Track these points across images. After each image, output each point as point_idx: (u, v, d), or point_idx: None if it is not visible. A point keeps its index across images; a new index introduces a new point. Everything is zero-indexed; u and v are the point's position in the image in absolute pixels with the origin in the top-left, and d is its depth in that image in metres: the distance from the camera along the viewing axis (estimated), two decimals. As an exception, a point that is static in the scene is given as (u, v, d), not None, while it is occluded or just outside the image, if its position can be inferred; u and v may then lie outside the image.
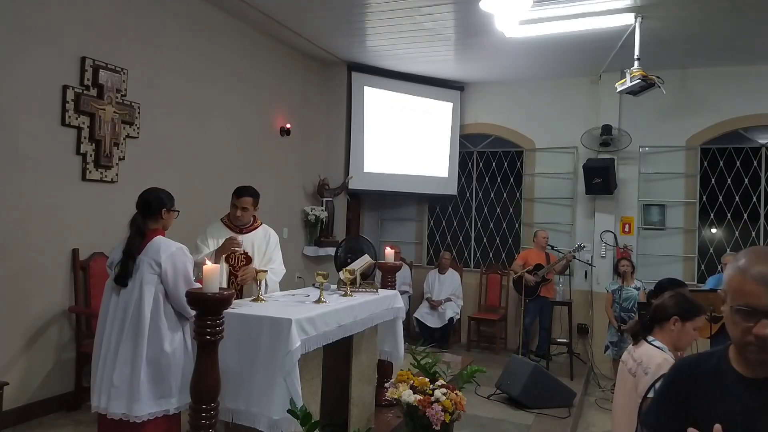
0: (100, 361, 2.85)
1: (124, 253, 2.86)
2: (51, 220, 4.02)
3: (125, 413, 2.75)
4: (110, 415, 2.76)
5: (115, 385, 2.76)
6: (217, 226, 3.86)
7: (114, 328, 2.83)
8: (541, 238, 6.88)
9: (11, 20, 3.73)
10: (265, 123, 6.33)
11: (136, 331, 2.79)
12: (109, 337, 2.83)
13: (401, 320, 4.16)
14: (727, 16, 5.19)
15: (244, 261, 3.80)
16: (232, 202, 3.82)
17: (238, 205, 3.79)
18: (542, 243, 6.85)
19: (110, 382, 2.76)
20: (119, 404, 2.76)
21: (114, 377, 2.76)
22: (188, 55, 5.18)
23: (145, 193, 3.02)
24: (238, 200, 3.79)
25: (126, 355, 2.78)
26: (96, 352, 2.90)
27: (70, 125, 4.11)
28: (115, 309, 2.86)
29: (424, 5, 5.18)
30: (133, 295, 2.82)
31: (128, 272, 2.83)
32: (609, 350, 5.93)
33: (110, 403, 2.76)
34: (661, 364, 2.36)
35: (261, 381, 2.78)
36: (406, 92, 7.70)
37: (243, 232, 3.85)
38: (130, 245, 2.88)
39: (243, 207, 3.79)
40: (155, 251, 2.87)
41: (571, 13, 5.19)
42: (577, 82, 7.37)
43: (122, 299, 2.85)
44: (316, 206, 7.10)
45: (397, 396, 3.31)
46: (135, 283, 2.83)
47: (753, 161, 6.79)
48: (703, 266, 6.90)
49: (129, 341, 2.79)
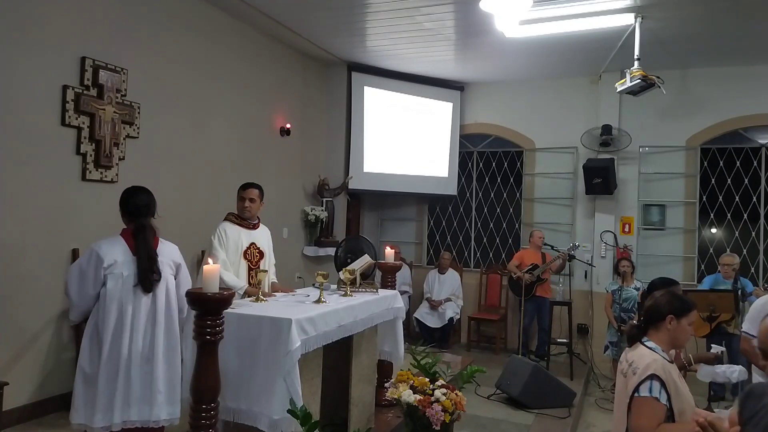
0: (124, 375, 2.72)
1: (149, 258, 2.82)
2: (51, 220, 4.02)
3: (168, 418, 2.77)
4: (153, 424, 2.75)
5: (161, 391, 2.76)
6: (228, 225, 3.85)
7: (145, 334, 2.78)
8: (537, 238, 6.88)
9: (11, 20, 3.73)
10: (265, 123, 6.33)
11: (173, 332, 2.81)
12: (138, 345, 2.76)
13: (401, 320, 4.17)
14: (727, 16, 5.19)
15: (259, 256, 3.90)
16: (240, 196, 3.89)
17: (246, 197, 3.86)
18: (538, 243, 6.85)
19: (155, 389, 2.75)
20: (163, 410, 2.76)
21: (159, 384, 2.76)
22: (188, 55, 5.18)
23: (143, 195, 2.98)
24: (245, 192, 3.87)
25: (168, 358, 2.80)
26: (111, 366, 2.72)
27: (70, 125, 4.10)
28: (139, 315, 2.78)
29: (424, 5, 5.18)
30: (161, 298, 2.81)
31: (159, 276, 2.81)
32: (609, 350, 5.93)
33: (154, 411, 2.75)
34: (649, 364, 2.37)
35: (261, 381, 2.78)
36: (406, 92, 7.70)
37: (252, 228, 3.92)
38: (150, 249, 2.84)
39: (250, 198, 3.86)
40: (170, 252, 2.90)
41: (571, 13, 5.19)
42: (577, 82, 7.37)
43: (145, 304, 2.80)
44: (316, 206, 7.10)
45: (397, 396, 3.31)
46: (161, 286, 2.83)
47: (753, 161, 6.79)
48: (703, 266, 6.90)
49: (168, 344, 2.80)
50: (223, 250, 3.74)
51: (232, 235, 3.81)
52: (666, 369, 2.37)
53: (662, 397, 2.32)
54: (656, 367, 2.35)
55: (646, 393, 2.32)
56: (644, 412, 2.33)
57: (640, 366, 2.39)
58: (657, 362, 2.37)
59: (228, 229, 3.82)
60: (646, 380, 2.34)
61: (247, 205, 3.86)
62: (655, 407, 2.31)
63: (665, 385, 2.33)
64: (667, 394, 2.33)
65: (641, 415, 2.34)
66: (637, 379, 2.37)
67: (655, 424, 2.30)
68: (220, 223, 3.87)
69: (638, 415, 2.35)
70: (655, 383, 2.32)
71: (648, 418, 2.32)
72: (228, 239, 3.78)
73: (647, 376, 2.34)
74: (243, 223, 3.89)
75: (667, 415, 2.34)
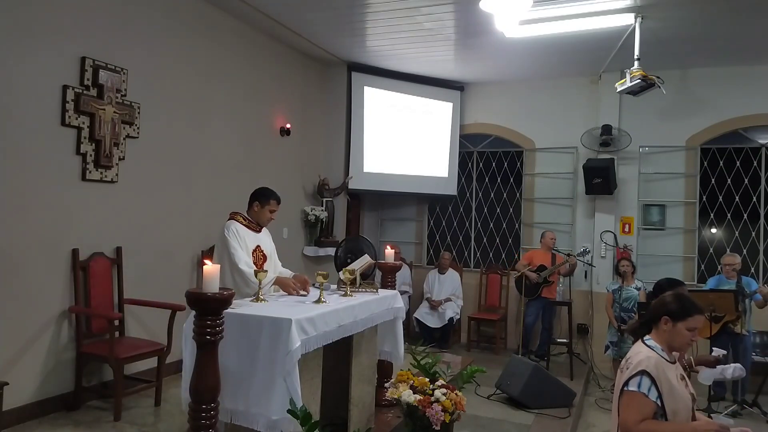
0: None
1: None
2: (51, 220, 4.02)
3: None
4: None
5: None
6: (237, 225, 3.80)
7: None
8: (549, 239, 6.88)
9: (11, 20, 3.73)
10: (265, 123, 6.33)
11: None
12: None
13: (401, 320, 4.17)
14: (727, 16, 5.19)
15: (263, 259, 3.89)
16: (269, 207, 3.89)
17: (274, 209, 3.93)
18: (549, 244, 6.84)
19: None
20: None
21: None
22: (188, 55, 5.18)
23: None
24: (276, 204, 3.93)
25: None
26: None
27: (70, 125, 4.10)
28: None
29: (424, 5, 5.18)
30: None
31: None
32: (609, 350, 5.94)
33: None
34: (642, 360, 2.38)
35: (261, 381, 2.78)
36: (406, 92, 7.70)
37: (257, 231, 3.93)
38: None
39: (275, 210, 3.95)
40: None
41: (571, 13, 5.19)
42: (577, 82, 7.37)
43: None
44: (316, 206, 7.10)
45: (397, 396, 3.31)
46: None
47: (753, 161, 6.79)
48: (703, 266, 6.90)
49: None
50: (243, 250, 3.71)
51: (243, 235, 3.78)
52: (660, 367, 2.37)
53: (651, 394, 2.32)
54: (648, 364, 2.36)
55: (635, 388, 2.35)
56: (631, 406, 2.35)
57: (634, 362, 2.41)
58: (651, 359, 2.38)
59: (239, 229, 3.78)
60: (636, 375, 2.35)
61: (273, 217, 3.95)
62: (643, 403, 2.33)
63: (656, 383, 2.33)
64: (658, 392, 2.33)
65: (628, 408, 2.36)
66: (628, 374, 2.39)
67: (640, 419, 2.32)
68: (228, 223, 3.78)
69: (625, 408, 2.38)
70: (645, 379, 2.34)
71: (634, 412, 2.34)
72: (241, 240, 3.75)
73: (638, 371, 2.36)
74: (251, 225, 3.87)
75: (659, 414, 2.34)
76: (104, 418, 3.96)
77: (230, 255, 3.62)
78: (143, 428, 3.85)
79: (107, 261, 4.40)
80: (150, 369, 4.48)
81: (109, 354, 3.94)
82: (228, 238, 3.67)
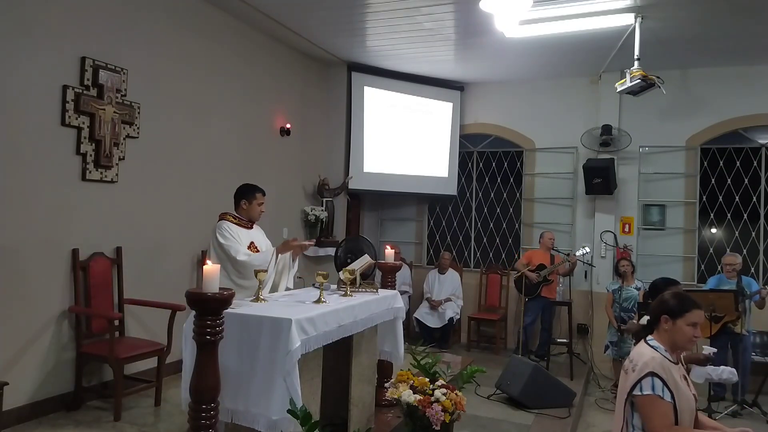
0: None
1: None
2: (51, 220, 4.02)
3: None
4: None
5: None
6: (229, 224, 3.86)
7: None
8: (548, 239, 6.88)
9: (11, 20, 3.73)
10: (265, 123, 6.33)
11: None
12: None
13: (401, 320, 4.17)
14: (727, 16, 5.19)
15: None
16: (257, 201, 3.98)
17: (263, 201, 4.02)
18: (548, 244, 6.85)
19: None
20: None
21: None
22: (188, 55, 5.18)
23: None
24: (262, 197, 4.02)
25: None
26: None
27: (70, 125, 4.10)
28: None
29: (424, 5, 5.18)
30: None
31: None
32: (609, 350, 5.93)
33: None
34: (647, 362, 2.36)
35: (261, 381, 2.78)
36: (406, 92, 7.70)
37: (249, 227, 3.99)
38: None
39: (263, 203, 4.04)
40: None
41: (571, 13, 5.19)
42: (577, 82, 7.37)
43: None
44: (316, 206, 7.10)
45: (397, 396, 3.31)
46: None
47: (753, 161, 6.79)
48: (703, 266, 6.90)
49: None
50: (239, 244, 3.78)
51: (236, 232, 3.84)
52: (665, 367, 2.36)
53: (666, 395, 2.31)
54: (654, 364, 2.35)
55: (649, 390, 2.31)
56: (654, 414, 2.31)
57: (639, 363, 2.39)
58: (655, 360, 2.36)
59: (231, 227, 3.84)
60: (646, 377, 2.33)
61: (263, 210, 4.03)
62: (662, 406, 2.30)
63: (667, 384, 2.32)
64: (671, 392, 2.32)
65: (652, 417, 2.31)
66: (636, 376, 2.37)
67: (668, 423, 2.28)
68: (219, 223, 3.85)
69: (649, 418, 2.32)
70: (656, 381, 2.31)
71: (660, 418, 2.29)
72: (235, 236, 3.81)
73: (646, 373, 2.33)
74: (242, 223, 3.93)
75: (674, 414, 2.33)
76: (104, 418, 3.96)
77: (227, 250, 3.68)
78: (143, 428, 3.85)
79: (107, 261, 4.40)
80: (150, 369, 4.48)
81: (109, 354, 3.94)
82: (219, 238, 3.76)
